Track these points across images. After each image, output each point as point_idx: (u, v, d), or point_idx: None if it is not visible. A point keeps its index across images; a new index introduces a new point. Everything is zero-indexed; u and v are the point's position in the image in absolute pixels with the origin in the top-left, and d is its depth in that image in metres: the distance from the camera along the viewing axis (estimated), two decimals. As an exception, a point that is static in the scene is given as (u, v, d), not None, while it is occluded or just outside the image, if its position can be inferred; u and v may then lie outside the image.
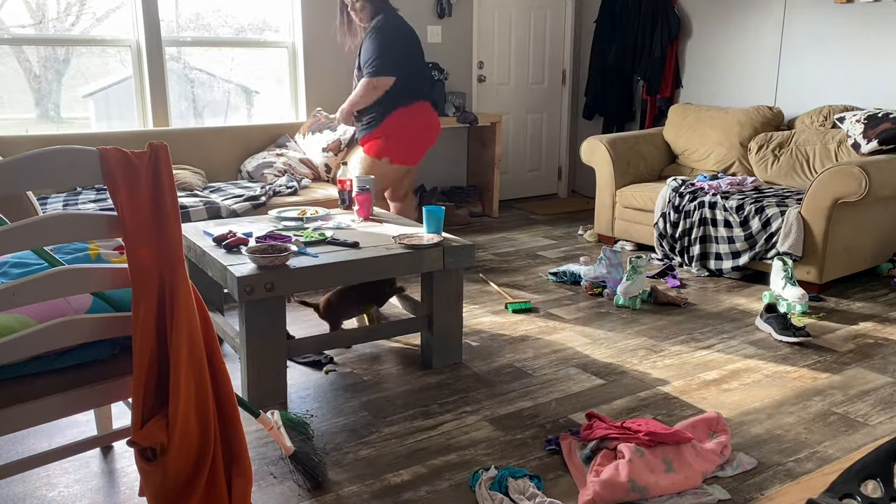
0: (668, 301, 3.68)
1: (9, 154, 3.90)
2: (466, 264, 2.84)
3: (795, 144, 4.47)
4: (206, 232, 2.92)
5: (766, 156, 4.56)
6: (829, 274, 3.85)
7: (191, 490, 1.60)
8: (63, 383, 1.70)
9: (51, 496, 2.05)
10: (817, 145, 4.37)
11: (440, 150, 5.82)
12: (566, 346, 3.16)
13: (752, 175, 4.65)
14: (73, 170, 1.47)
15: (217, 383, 1.65)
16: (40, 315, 1.64)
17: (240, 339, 2.59)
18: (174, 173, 1.64)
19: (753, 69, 5.15)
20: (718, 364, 2.98)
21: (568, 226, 5.42)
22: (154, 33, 4.45)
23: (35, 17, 4.31)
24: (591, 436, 2.26)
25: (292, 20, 5.02)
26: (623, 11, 5.80)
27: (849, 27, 4.59)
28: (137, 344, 1.55)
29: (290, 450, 2.08)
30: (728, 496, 2.05)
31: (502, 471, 2.11)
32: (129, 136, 4.25)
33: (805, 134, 4.47)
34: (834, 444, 2.36)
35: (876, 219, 3.97)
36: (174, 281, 1.56)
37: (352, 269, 2.61)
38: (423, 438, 2.38)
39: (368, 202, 3.17)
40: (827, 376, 2.86)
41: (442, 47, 5.61)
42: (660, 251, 4.40)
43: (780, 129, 4.72)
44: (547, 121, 6.39)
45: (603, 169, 4.79)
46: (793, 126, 4.69)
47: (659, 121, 5.73)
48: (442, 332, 2.90)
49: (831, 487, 1.05)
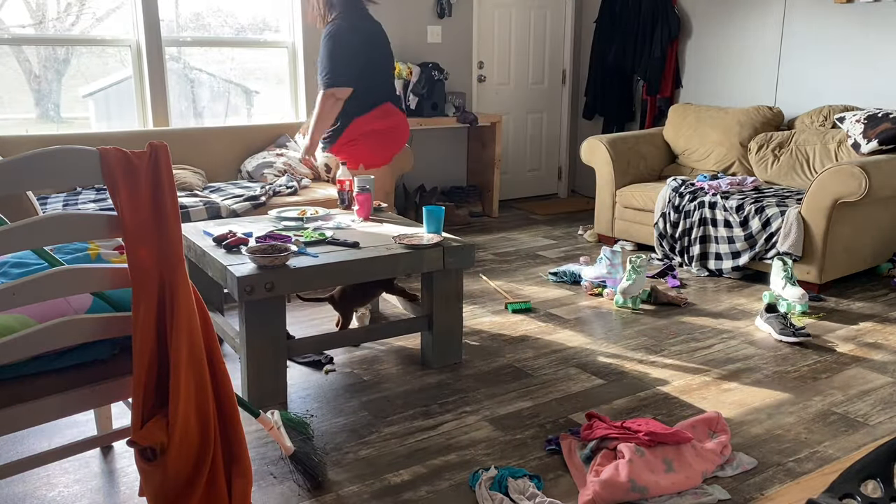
0: (668, 301, 3.68)
1: (9, 154, 3.90)
2: (466, 264, 2.84)
3: (795, 144, 4.47)
4: (206, 232, 2.92)
5: (766, 156, 4.56)
6: (829, 274, 3.85)
7: (191, 490, 1.60)
8: (63, 383, 1.70)
9: (51, 496, 2.05)
10: (817, 145, 4.37)
11: (440, 150, 5.82)
12: (566, 346, 3.16)
13: (752, 175, 4.65)
14: (73, 170, 1.47)
15: (217, 383, 1.65)
16: (40, 315, 1.64)
17: (240, 339, 2.59)
18: (174, 173, 1.64)
19: (753, 69, 5.15)
20: (718, 364, 2.98)
21: (568, 226, 5.42)
22: (154, 33, 4.45)
23: (35, 17, 4.31)
24: (591, 436, 2.26)
25: (292, 20, 5.02)
26: (623, 11, 5.80)
27: (849, 27, 4.59)
28: (137, 344, 1.55)
29: (290, 450, 2.08)
30: (728, 496, 2.05)
31: (502, 471, 2.11)
32: (129, 136, 4.25)
33: (805, 134, 4.48)
34: (834, 444, 2.36)
35: (876, 219, 3.98)
36: (174, 281, 1.56)
37: (352, 269, 2.61)
38: (423, 438, 2.38)
39: (368, 202, 3.17)
40: (827, 376, 2.86)
41: (442, 47, 5.61)
42: (660, 251, 4.40)
43: (780, 128, 4.72)
44: (547, 121, 6.39)
45: (603, 169, 4.79)
46: (793, 126, 4.69)
47: (659, 121, 5.73)
48: (442, 332, 2.90)
49: (831, 487, 1.06)
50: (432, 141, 5.76)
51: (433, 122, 5.23)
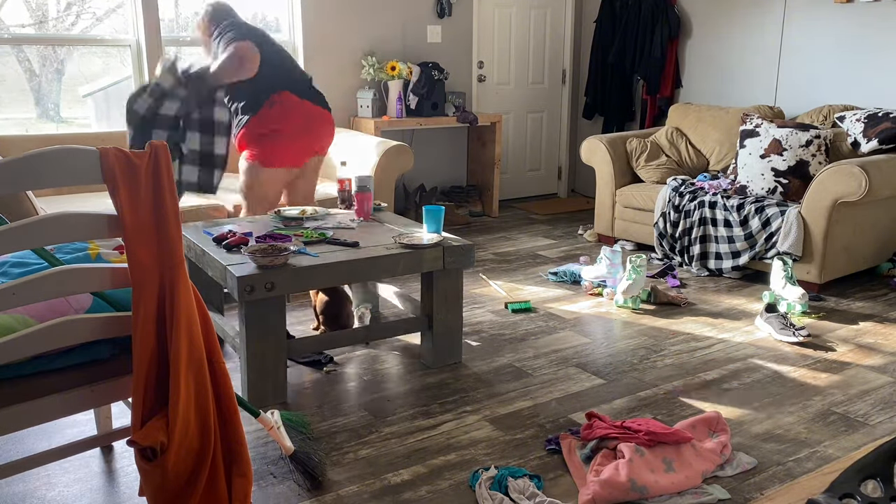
0: (668, 301, 3.68)
1: (9, 154, 3.90)
2: (466, 264, 2.84)
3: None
4: (206, 232, 2.92)
5: (766, 156, 4.55)
6: (829, 274, 3.85)
7: (191, 490, 1.60)
8: (63, 383, 1.69)
9: (51, 496, 2.05)
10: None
11: (440, 150, 5.82)
12: (566, 346, 3.16)
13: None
14: (73, 170, 1.47)
15: (217, 383, 1.65)
16: (40, 315, 1.64)
17: (240, 339, 2.59)
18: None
19: (753, 69, 5.15)
20: (718, 364, 2.98)
21: (568, 226, 5.42)
22: (154, 33, 4.45)
23: (35, 16, 4.31)
24: (591, 435, 2.26)
25: (292, 20, 5.02)
26: (623, 11, 5.80)
27: (849, 27, 4.59)
28: (137, 344, 1.55)
29: (290, 450, 2.08)
30: (728, 496, 2.05)
31: (502, 470, 2.11)
32: (129, 135, 4.25)
33: (805, 134, 4.47)
34: (834, 443, 2.36)
35: (876, 219, 3.97)
36: (174, 281, 1.56)
37: (352, 268, 2.61)
38: (423, 438, 2.38)
39: (368, 202, 3.17)
40: (827, 376, 2.86)
41: (442, 47, 5.61)
42: (660, 251, 4.40)
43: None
44: (547, 121, 6.38)
45: (603, 169, 4.79)
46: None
47: (659, 120, 5.73)
48: (442, 332, 2.90)
49: (831, 487, 1.06)
50: (432, 141, 5.76)
51: (433, 121, 5.23)
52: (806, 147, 4.00)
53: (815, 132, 4.03)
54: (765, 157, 4.08)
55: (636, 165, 4.72)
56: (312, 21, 5.00)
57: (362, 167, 4.20)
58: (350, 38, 5.17)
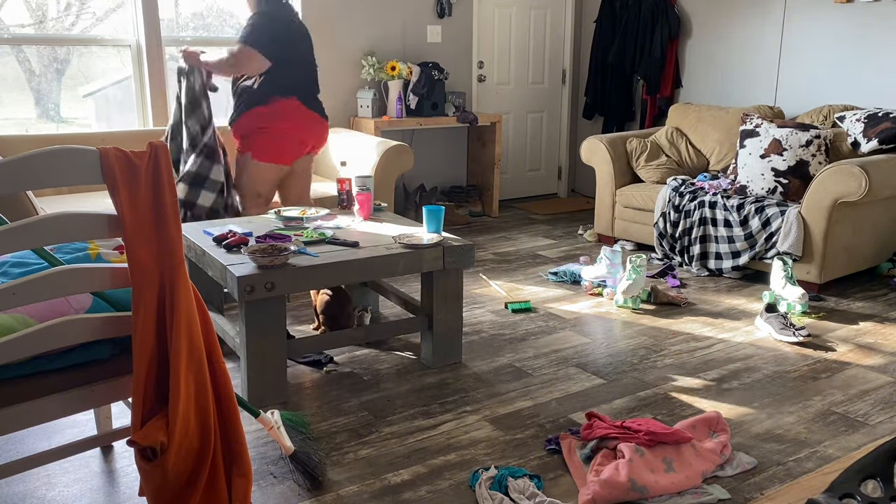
0: (668, 301, 3.68)
1: (9, 154, 3.90)
2: (466, 264, 2.84)
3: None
4: (206, 231, 2.92)
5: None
6: (829, 274, 3.85)
7: (191, 490, 1.60)
8: (63, 383, 1.69)
9: (51, 496, 2.05)
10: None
11: (440, 150, 5.82)
12: (566, 346, 3.16)
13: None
14: (72, 170, 1.47)
15: (217, 383, 1.65)
16: (40, 315, 1.64)
17: (240, 339, 2.59)
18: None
19: (753, 69, 5.15)
20: (718, 364, 2.98)
21: (568, 226, 5.42)
22: (154, 33, 4.45)
23: (35, 16, 4.31)
24: (591, 435, 2.26)
25: (292, 20, 5.01)
26: (623, 11, 5.80)
27: (849, 27, 4.59)
28: (137, 344, 1.55)
29: (290, 449, 2.08)
30: (728, 496, 2.05)
31: (502, 470, 2.11)
32: (129, 135, 4.25)
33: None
34: (834, 443, 2.36)
35: (876, 219, 3.97)
36: (174, 281, 1.56)
37: (352, 268, 2.61)
38: (423, 438, 2.38)
39: (368, 202, 3.17)
40: (827, 376, 2.86)
41: (442, 47, 5.61)
42: (660, 251, 4.40)
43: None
44: (547, 121, 6.38)
45: (603, 169, 4.79)
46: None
47: (659, 120, 5.73)
48: (442, 332, 2.90)
49: (831, 487, 1.06)
50: (432, 141, 5.76)
51: (433, 121, 5.23)
52: (806, 147, 4.01)
53: (815, 132, 4.03)
54: (765, 157, 4.08)
55: (636, 165, 4.73)
56: (312, 21, 5.00)
57: (362, 167, 4.20)
58: (350, 38, 5.18)
